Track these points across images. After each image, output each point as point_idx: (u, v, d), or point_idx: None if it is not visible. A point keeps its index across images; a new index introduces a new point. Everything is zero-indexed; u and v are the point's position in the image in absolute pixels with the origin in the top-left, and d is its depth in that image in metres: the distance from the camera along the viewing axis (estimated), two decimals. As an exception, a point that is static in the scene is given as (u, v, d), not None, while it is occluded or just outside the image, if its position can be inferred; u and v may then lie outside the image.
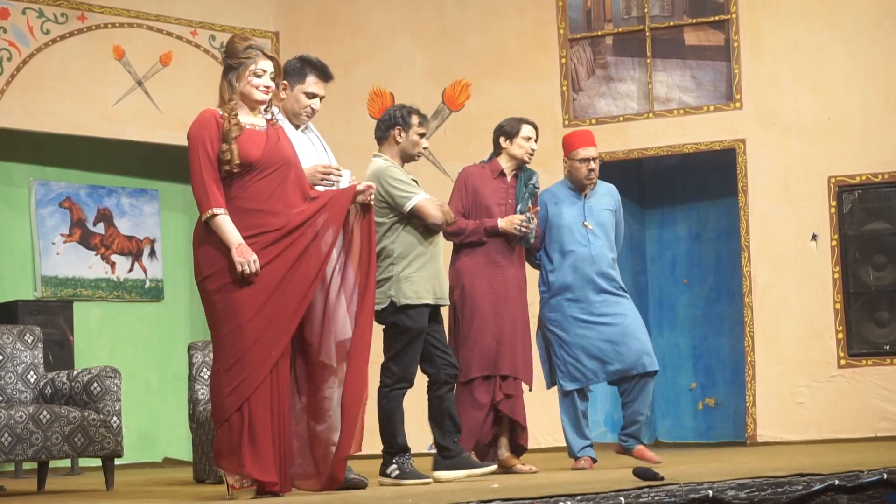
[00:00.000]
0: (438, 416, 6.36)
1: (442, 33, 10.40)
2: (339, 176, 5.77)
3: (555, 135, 9.04)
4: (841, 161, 9.38)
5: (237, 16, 10.48)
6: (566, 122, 9.90)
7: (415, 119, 6.39)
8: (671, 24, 9.89)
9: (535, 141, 7.04)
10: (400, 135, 6.37)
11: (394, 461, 6.12)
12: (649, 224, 10.82)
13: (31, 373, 7.09)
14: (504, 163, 7.00)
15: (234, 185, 5.17)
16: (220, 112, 5.22)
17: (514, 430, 6.94)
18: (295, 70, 5.83)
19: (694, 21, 9.83)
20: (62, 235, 10.06)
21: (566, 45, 10.08)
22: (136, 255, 10.36)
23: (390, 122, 6.39)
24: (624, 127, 9.92)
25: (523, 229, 6.82)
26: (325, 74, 5.85)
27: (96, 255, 10.21)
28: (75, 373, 7.00)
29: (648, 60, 9.91)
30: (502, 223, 6.83)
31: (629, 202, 10.50)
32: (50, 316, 9.24)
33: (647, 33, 9.94)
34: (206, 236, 5.15)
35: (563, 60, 10.08)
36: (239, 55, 5.29)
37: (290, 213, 5.24)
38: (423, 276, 6.25)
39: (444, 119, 10.14)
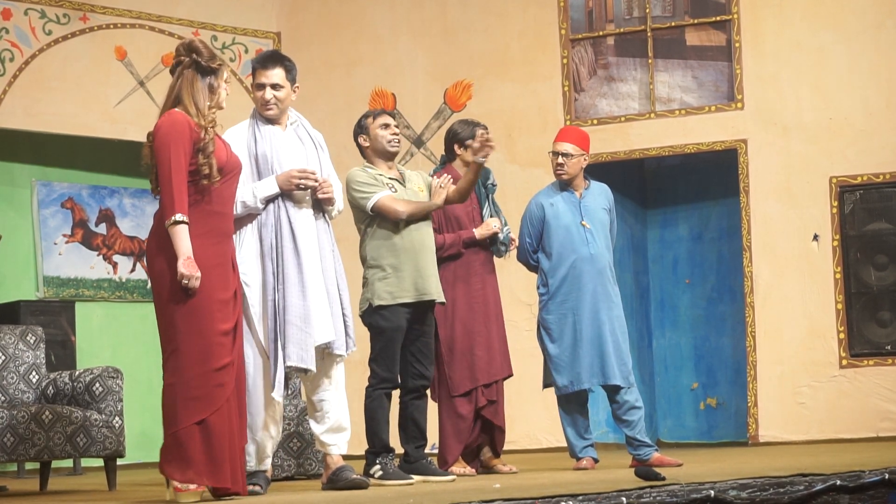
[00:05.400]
0: (403, 420, 6.45)
1: (444, 34, 10.40)
2: (316, 180, 5.74)
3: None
4: (842, 161, 9.38)
5: (239, 16, 10.49)
6: (568, 123, 9.90)
7: (368, 120, 6.43)
8: (672, 24, 9.89)
9: None
10: (365, 141, 6.42)
11: (377, 462, 6.13)
12: (651, 224, 10.82)
13: (34, 373, 7.09)
14: (460, 169, 7.04)
15: (198, 188, 5.08)
16: (196, 120, 5.07)
17: (494, 433, 7.07)
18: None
19: (695, 21, 9.83)
20: (64, 236, 10.06)
21: (568, 45, 10.09)
22: (138, 256, 10.36)
23: (355, 134, 6.48)
24: (625, 127, 9.92)
25: (499, 231, 6.93)
26: (262, 63, 5.84)
27: (98, 255, 10.22)
28: (77, 373, 7.01)
29: (650, 61, 9.91)
30: (479, 232, 6.90)
31: (631, 202, 10.51)
32: (52, 316, 9.24)
33: (649, 33, 9.94)
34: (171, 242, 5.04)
35: (565, 61, 10.08)
36: (217, 58, 5.17)
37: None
38: (400, 275, 6.24)
39: (445, 119, 10.14)
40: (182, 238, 4.99)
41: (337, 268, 5.85)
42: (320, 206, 5.82)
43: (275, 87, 5.78)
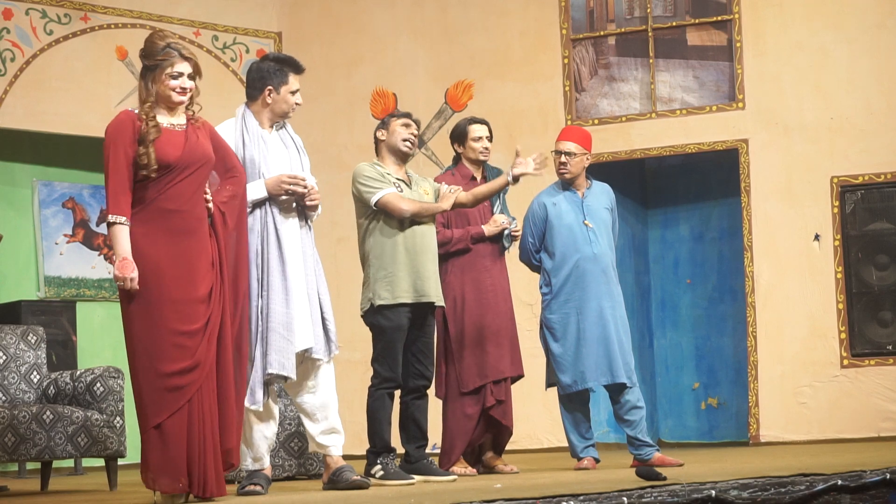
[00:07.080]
0: (404, 420, 6.45)
1: (445, 33, 10.40)
2: (305, 187, 5.70)
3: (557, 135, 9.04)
4: (843, 161, 9.38)
5: (240, 16, 10.49)
6: (569, 123, 9.90)
7: (392, 118, 6.44)
8: (674, 24, 9.89)
9: (489, 139, 7.09)
10: (382, 135, 6.43)
11: (378, 461, 6.13)
12: (652, 224, 10.82)
13: (35, 373, 7.09)
14: (468, 166, 7.05)
15: (151, 188, 5.05)
16: (138, 113, 5.12)
17: (499, 433, 7.05)
18: (274, 72, 5.79)
19: (696, 21, 9.83)
20: (65, 236, 10.07)
21: (569, 45, 10.09)
22: (139, 256, 10.36)
23: (376, 129, 6.48)
24: (627, 127, 9.92)
25: (507, 226, 6.90)
26: (299, 68, 5.86)
27: (99, 255, 10.22)
28: (78, 373, 7.01)
29: (651, 60, 9.91)
30: (487, 228, 6.89)
31: (632, 202, 10.51)
32: (53, 316, 9.25)
33: (650, 33, 9.94)
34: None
35: (566, 60, 10.08)
36: (155, 56, 5.18)
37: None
38: (400, 276, 6.22)
39: (446, 119, 10.14)
40: (119, 239, 5.03)
41: (317, 272, 5.80)
42: (304, 211, 5.81)
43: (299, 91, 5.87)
